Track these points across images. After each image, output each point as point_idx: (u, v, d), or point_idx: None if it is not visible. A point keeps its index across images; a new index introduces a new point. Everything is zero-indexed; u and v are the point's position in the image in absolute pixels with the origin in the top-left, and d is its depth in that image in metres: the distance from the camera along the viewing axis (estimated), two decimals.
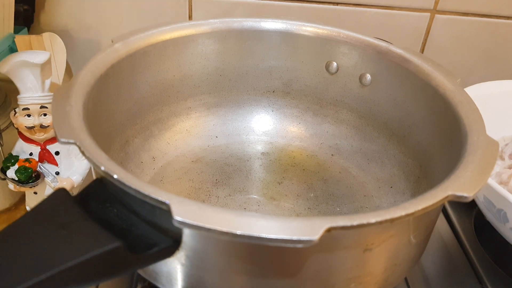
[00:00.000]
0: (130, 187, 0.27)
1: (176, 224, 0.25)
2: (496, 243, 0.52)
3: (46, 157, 0.52)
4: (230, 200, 0.46)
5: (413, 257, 0.35)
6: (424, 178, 0.43)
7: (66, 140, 0.30)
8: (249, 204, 0.46)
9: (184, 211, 0.26)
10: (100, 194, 0.31)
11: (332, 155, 0.52)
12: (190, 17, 0.61)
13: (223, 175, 0.49)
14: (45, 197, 0.30)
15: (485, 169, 0.31)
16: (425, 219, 0.33)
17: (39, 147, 0.52)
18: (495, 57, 0.66)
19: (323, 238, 0.25)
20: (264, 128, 0.54)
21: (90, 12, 0.63)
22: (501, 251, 0.51)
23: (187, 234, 0.29)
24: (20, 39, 0.53)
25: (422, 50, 0.66)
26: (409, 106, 0.46)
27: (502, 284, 0.46)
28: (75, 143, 0.30)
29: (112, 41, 0.43)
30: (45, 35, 0.54)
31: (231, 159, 0.51)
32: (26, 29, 0.59)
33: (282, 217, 0.26)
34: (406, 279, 0.46)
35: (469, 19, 0.63)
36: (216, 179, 0.48)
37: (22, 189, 0.52)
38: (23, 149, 0.52)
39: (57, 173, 0.52)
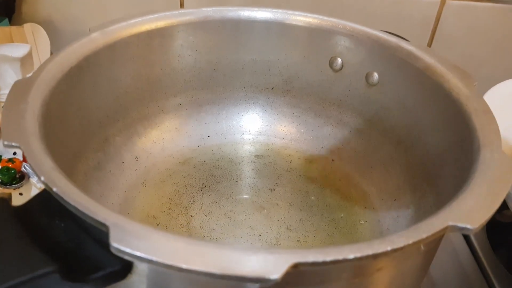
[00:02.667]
0: (69, 203, 0.24)
1: (114, 252, 0.22)
2: (509, 246, 0.48)
3: None
4: (214, 207, 0.42)
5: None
6: (430, 193, 0.38)
7: (9, 143, 0.27)
8: (235, 213, 0.42)
9: (124, 236, 0.22)
10: (50, 205, 0.28)
11: (332, 160, 0.47)
12: (181, 5, 0.57)
13: (210, 179, 0.45)
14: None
15: (495, 195, 0.26)
16: (423, 248, 0.28)
17: None
18: (509, 47, 0.60)
19: (288, 274, 0.21)
20: (260, 128, 0.50)
21: (76, 1, 0.60)
22: None
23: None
24: (0, 31, 0.50)
25: (431, 40, 0.61)
26: (419, 111, 0.41)
27: None
28: (19, 147, 0.27)
29: (90, 30, 0.40)
30: (27, 26, 0.51)
31: (222, 162, 0.47)
32: (7, 19, 0.56)
33: (239, 249, 0.22)
34: None
35: (482, 6, 0.58)
36: (203, 183, 0.44)
37: (6, 190, 0.49)
38: (6, 148, 0.50)
39: None
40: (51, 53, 0.55)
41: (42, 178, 0.25)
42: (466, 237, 0.48)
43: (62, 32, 0.61)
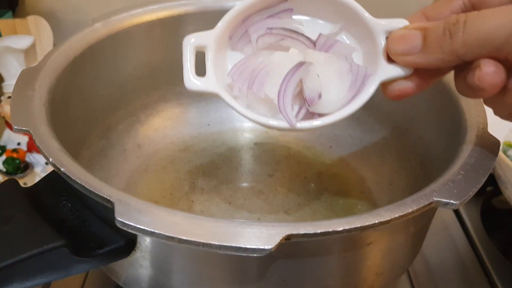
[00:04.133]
0: (76, 182, 0.25)
1: (119, 225, 0.23)
2: (503, 231, 0.49)
3: (34, 146, 0.50)
4: (215, 192, 0.43)
5: (400, 265, 0.32)
6: (424, 176, 0.40)
7: (19, 128, 0.28)
8: (235, 198, 0.43)
9: (128, 212, 0.23)
10: (57, 186, 0.29)
11: (330, 146, 0.49)
12: None
13: (211, 165, 0.46)
14: None
15: (479, 173, 0.27)
16: (412, 225, 0.30)
17: (27, 137, 0.50)
18: None
19: (282, 246, 0.23)
20: None
21: None
22: (509, 240, 0.48)
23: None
24: (4, 23, 0.51)
25: None
26: (413, 97, 0.42)
27: (508, 276, 0.43)
28: (28, 131, 0.28)
29: (93, 21, 0.41)
30: (30, 18, 0.52)
31: (222, 148, 0.48)
32: (10, 12, 0.57)
33: (235, 222, 0.23)
34: (407, 271, 0.43)
35: None
36: (203, 170, 0.46)
37: None
38: (11, 139, 0.51)
39: (47, 163, 0.51)
40: (54, 45, 0.57)
41: (51, 159, 0.26)
42: (461, 222, 0.49)
43: (64, 22, 0.63)
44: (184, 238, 0.22)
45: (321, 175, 0.46)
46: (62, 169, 0.26)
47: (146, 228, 0.22)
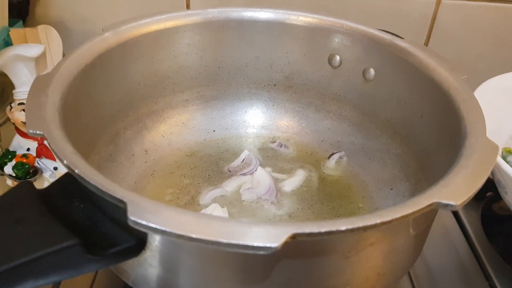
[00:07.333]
0: (89, 183, 0.26)
1: (131, 224, 0.24)
2: (504, 236, 0.50)
3: (43, 152, 0.51)
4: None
5: (402, 266, 0.33)
6: (424, 180, 0.40)
7: (34, 132, 0.29)
8: (240, 201, 0.44)
9: (140, 211, 0.24)
10: (69, 188, 0.30)
11: (332, 152, 0.50)
12: (188, 7, 0.60)
13: (216, 170, 0.47)
14: None
15: (478, 176, 0.28)
16: (413, 226, 0.31)
17: (37, 142, 0.51)
18: (504, 43, 0.63)
19: (287, 245, 0.23)
20: (264, 122, 0.53)
21: (86, 2, 0.63)
22: (509, 245, 0.49)
23: (151, 234, 0.27)
24: (15, 32, 0.52)
25: (428, 38, 0.63)
26: (413, 103, 0.43)
27: (509, 281, 0.44)
28: (43, 135, 0.29)
29: (103, 30, 0.42)
30: (40, 27, 0.54)
31: (227, 154, 0.49)
32: (21, 22, 0.59)
33: (244, 221, 0.24)
34: (409, 274, 0.44)
35: (478, 4, 0.60)
36: (209, 175, 0.47)
37: None
38: (20, 145, 0.52)
39: (55, 168, 0.52)
40: (63, 54, 0.58)
41: (65, 162, 0.27)
42: (462, 227, 0.50)
43: (73, 32, 0.64)
44: (194, 236, 0.23)
45: (323, 180, 0.47)
46: (76, 171, 0.27)
47: (157, 227, 0.23)
